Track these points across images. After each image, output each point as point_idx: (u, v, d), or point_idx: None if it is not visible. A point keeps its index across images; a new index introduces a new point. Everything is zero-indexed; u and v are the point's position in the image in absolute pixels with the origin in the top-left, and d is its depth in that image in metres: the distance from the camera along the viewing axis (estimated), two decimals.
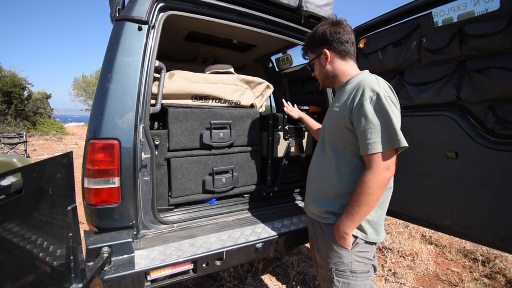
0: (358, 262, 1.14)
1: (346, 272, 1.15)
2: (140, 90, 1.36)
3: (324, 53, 1.22)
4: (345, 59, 1.23)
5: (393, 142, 1.01)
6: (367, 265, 1.17)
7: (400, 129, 1.03)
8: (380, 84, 1.07)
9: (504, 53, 1.27)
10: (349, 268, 1.15)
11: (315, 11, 1.96)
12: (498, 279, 2.36)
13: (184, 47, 2.76)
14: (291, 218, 1.73)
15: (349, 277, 1.15)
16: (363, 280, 1.15)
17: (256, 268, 2.41)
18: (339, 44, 1.20)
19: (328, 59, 1.23)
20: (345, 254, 1.14)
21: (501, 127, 1.31)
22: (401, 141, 1.00)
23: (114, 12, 1.41)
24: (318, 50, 1.25)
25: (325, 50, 1.21)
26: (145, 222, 1.45)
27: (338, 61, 1.23)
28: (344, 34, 1.20)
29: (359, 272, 1.15)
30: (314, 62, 1.30)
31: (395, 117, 1.01)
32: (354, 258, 1.14)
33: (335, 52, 1.22)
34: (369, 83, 1.07)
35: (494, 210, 1.34)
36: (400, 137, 1.01)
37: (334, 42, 1.20)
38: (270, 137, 1.98)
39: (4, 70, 14.46)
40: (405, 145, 1.01)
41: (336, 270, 1.17)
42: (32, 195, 0.76)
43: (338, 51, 1.21)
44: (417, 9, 1.59)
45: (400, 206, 1.75)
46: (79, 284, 0.95)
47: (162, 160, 1.67)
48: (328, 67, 1.24)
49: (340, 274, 1.16)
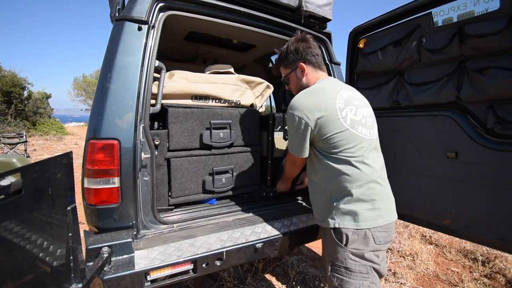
0: (352, 260, 1.18)
1: (341, 268, 1.20)
2: (140, 90, 1.36)
3: (300, 67, 1.38)
4: (317, 70, 1.39)
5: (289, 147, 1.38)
6: (365, 266, 1.17)
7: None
8: (300, 103, 1.26)
9: (504, 53, 1.27)
10: (344, 265, 1.19)
11: (315, 11, 1.96)
12: (498, 279, 2.36)
13: (184, 47, 2.76)
14: (291, 218, 1.73)
15: (344, 273, 1.20)
16: (358, 280, 1.17)
17: (256, 268, 2.41)
18: (312, 57, 1.37)
19: (304, 72, 1.38)
20: (340, 250, 1.20)
21: (501, 127, 1.30)
22: (290, 149, 1.37)
23: (114, 12, 1.41)
24: (293, 65, 1.41)
25: (301, 64, 1.37)
26: (145, 222, 1.45)
27: (311, 72, 1.39)
28: (314, 48, 1.38)
29: (355, 271, 1.17)
30: (290, 76, 1.45)
31: (294, 133, 1.27)
32: (349, 255, 1.18)
33: (309, 65, 1.38)
34: (293, 102, 1.28)
35: (494, 210, 1.34)
36: (292, 148, 1.35)
37: (308, 56, 1.36)
38: (270, 137, 1.98)
39: (4, 70, 14.44)
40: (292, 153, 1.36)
41: (333, 265, 1.24)
42: (32, 195, 0.76)
43: (312, 64, 1.38)
44: (417, 9, 1.59)
45: (400, 206, 1.74)
46: (79, 284, 0.94)
47: (162, 160, 1.67)
48: (303, 79, 1.39)
49: (336, 270, 1.22)
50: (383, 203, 1.22)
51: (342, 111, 1.21)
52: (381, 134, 1.35)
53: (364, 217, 1.17)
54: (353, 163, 1.18)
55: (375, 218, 1.18)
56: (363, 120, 1.26)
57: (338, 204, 1.21)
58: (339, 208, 1.20)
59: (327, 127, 1.20)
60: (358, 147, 1.20)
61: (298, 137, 1.26)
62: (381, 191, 1.22)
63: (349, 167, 1.18)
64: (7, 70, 14.60)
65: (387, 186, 1.29)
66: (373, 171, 1.21)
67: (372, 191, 1.19)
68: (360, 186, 1.18)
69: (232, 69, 2.14)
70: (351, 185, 1.18)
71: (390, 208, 1.25)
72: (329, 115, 1.20)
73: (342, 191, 1.20)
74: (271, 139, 1.98)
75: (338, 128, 1.19)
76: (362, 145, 1.21)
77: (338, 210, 1.20)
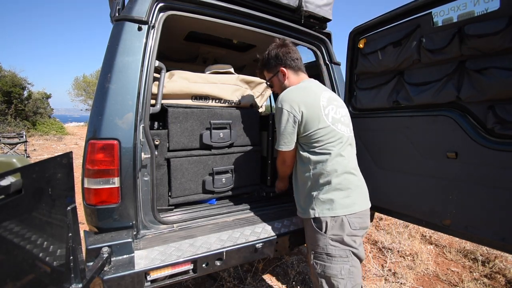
0: (332, 246, 1.27)
1: (322, 255, 1.29)
2: (140, 90, 1.36)
3: (281, 71, 1.50)
4: (298, 73, 1.52)
5: (277, 145, 1.42)
6: (344, 250, 1.27)
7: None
8: (288, 96, 1.36)
9: (504, 53, 1.27)
10: (325, 251, 1.28)
11: (315, 11, 1.96)
12: (498, 279, 2.36)
13: (184, 47, 2.76)
14: (291, 218, 1.73)
15: (325, 259, 1.28)
16: (339, 263, 1.25)
17: (256, 268, 2.41)
18: (291, 62, 1.49)
19: (285, 75, 1.50)
20: (320, 237, 1.29)
21: (501, 127, 1.30)
22: (279, 146, 1.41)
23: (114, 12, 1.41)
24: (275, 69, 1.53)
25: (282, 68, 1.50)
26: (145, 222, 1.45)
27: (292, 76, 1.51)
28: (293, 53, 1.50)
29: (336, 256, 1.26)
30: (273, 80, 1.58)
31: (283, 125, 1.34)
32: (329, 241, 1.27)
33: (289, 69, 1.50)
34: (281, 96, 1.38)
35: (494, 210, 1.34)
36: (281, 143, 1.39)
37: (287, 60, 1.49)
38: (270, 137, 1.98)
39: (4, 70, 14.45)
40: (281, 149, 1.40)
41: (315, 252, 1.32)
42: (32, 195, 0.76)
43: (292, 67, 1.50)
44: (417, 9, 1.59)
45: (400, 206, 1.75)
46: (79, 284, 0.94)
47: (162, 160, 1.67)
48: (286, 82, 1.51)
49: (318, 257, 1.31)
50: (357, 191, 1.35)
51: (325, 109, 1.36)
52: (381, 134, 1.36)
53: (341, 204, 1.28)
54: (332, 156, 1.31)
55: (350, 205, 1.30)
56: (342, 119, 1.42)
57: (318, 194, 1.32)
58: (318, 198, 1.31)
59: (311, 122, 1.32)
60: (337, 142, 1.34)
61: (288, 128, 1.35)
62: (355, 181, 1.36)
63: (329, 159, 1.31)
64: (7, 70, 14.60)
65: (360, 177, 1.43)
66: (348, 163, 1.35)
67: (347, 181, 1.32)
68: (337, 176, 1.30)
69: (232, 69, 2.14)
70: (329, 175, 1.30)
71: (363, 197, 1.39)
72: (314, 111, 1.33)
73: (321, 181, 1.31)
74: (271, 139, 1.98)
75: (322, 124, 1.32)
76: (341, 141, 1.36)
77: (318, 200, 1.31)
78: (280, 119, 1.36)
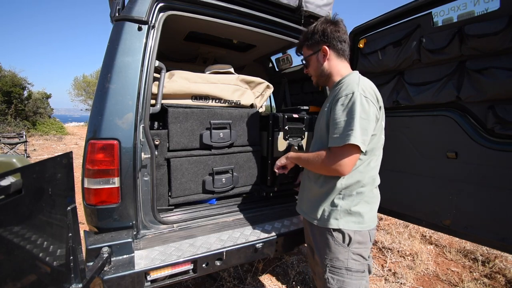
0: (354, 260, 1.16)
1: (341, 269, 1.16)
2: (140, 90, 1.36)
3: (323, 50, 1.24)
4: (341, 59, 1.26)
5: (345, 139, 1.04)
6: (363, 264, 1.18)
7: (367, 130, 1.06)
8: (360, 84, 1.10)
9: (504, 53, 1.27)
10: (345, 265, 1.16)
11: (315, 11, 1.96)
12: (498, 279, 2.35)
13: (184, 47, 2.76)
14: (291, 218, 1.73)
15: (344, 275, 1.16)
16: (358, 279, 1.16)
17: (256, 268, 2.41)
18: (338, 43, 1.23)
19: (326, 56, 1.25)
20: (342, 250, 1.16)
21: (501, 127, 1.30)
22: (351, 139, 1.02)
23: (114, 12, 1.41)
24: (316, 46, 1.26)
25: (325, 47, 1.23)
26: (145, 222, 1.45)
27: (334, 59, 1.25)
28: (342, 34, 1.23)
29: (355, 271, 1.16)
30: (311, 58, 1.30)
31: (361, 116, 1.04)
32: (351, 255, 1.16)
33: (333, 50, 1.24)
34: (350, 83, 1.13)
35: (494, 210, 1.34)
36: (354, 135, 1.02)
37: (334, 40, 1.22)
38: (270, 137, 1.98)
39: (4, 70, 14.44)
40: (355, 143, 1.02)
41: (332, 267, 1.18)
42: (32, 195, 0.76)
43: (336, 50, 1.24)
44: (417, 9, 1.59)
45: (400, 206, 1.75)
46: (79, 284, 0.95)
47: (162, 160, 1.67)
48: (325, 64, 1.26)
49: (336, 272, 1.18)
50: (378, 204, 1.27)
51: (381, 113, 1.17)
52: None
53: (368, 218, 1.18)
54: (372, 166, 1.18)
55: (374, 220, 1.21)
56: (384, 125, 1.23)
57: (345, 204, 1.16)
58: (345, 208, 1.16)
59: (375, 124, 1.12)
60: (378, 155, 1.21)
61: (371, 123, 1.07)
62: (378, 194, 1.27)
63: (368, 169, 1.17)
64: (7, 70, 14.59)
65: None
66: (377, 177, 1.25)
67: (374, 195, 1.24)
68: (370, 190, 1.20)
69: (232, 69, 2.14)
70: (365, 186, 1.18)
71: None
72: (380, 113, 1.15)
73: (354, 191, 1.17)
74: (271, 139, 1.98)
75: (377, 130, 1.13)
76: (380, 153, 1.22)
77: (344, 210, 1.16)
78: (365, 109, 1.05)
